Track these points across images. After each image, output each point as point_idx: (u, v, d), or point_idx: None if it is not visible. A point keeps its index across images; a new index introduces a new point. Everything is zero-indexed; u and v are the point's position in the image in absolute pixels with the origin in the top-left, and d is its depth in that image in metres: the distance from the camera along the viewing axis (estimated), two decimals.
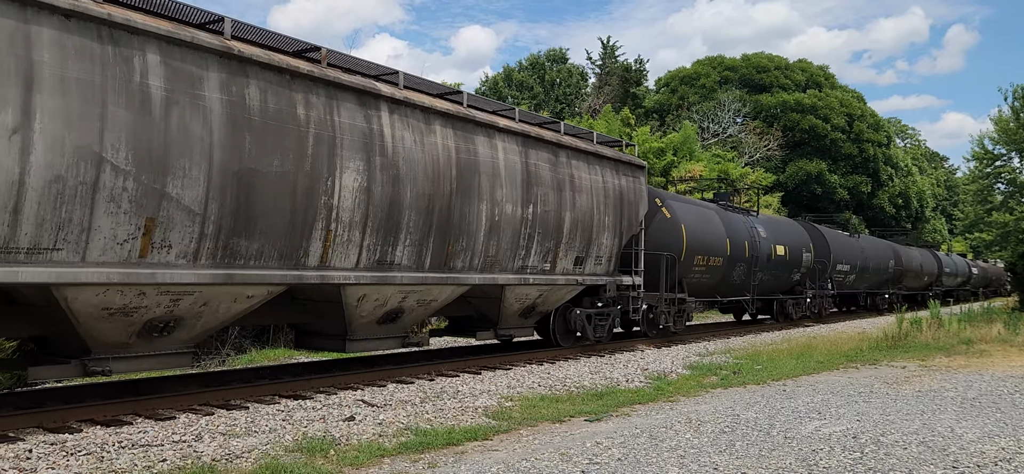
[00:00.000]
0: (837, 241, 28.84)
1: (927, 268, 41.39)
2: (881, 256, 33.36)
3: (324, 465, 6.36)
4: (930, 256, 42.80)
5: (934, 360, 14.38)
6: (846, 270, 29.36)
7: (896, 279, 35.33)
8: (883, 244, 35.34)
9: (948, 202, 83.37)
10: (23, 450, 6.54)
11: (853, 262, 29.92)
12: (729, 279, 20.41)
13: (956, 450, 7.16)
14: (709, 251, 18.99)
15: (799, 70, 55.29)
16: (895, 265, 34.90)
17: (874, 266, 32.58)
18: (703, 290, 19.57)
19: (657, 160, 34.44)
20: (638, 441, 7.36)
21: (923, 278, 40.96)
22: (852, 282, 30.38)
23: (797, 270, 24.70)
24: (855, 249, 30.59)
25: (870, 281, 32.83)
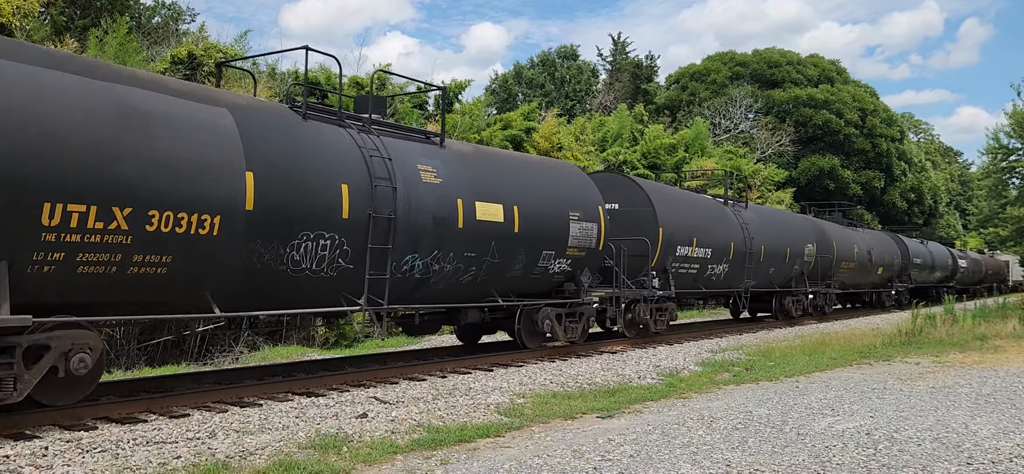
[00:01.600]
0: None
1: (881, 259, 30.89)
2: (799, 239, 24.01)
3: (337, 462, 6.39)
4: (890, 243, 33.51)
5: (948, 356, 14.30)
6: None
7: (819, 275, 25.20)
8: (805, 221, 25.98)
9: (962, 197, 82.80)
10: (39, 447, 6.60)
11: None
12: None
13: (970, 447, 7.12)
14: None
15: (811, 65, 54.98)
16: (820, 255, 24.97)
17: (783, 253, 23.30)
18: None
19: (668, 156, 34.38)
20: (650, 438, 7.36)
21: (872, 273, 30.57)
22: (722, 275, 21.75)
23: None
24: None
25: (766, 277, 22.54)
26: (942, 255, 41.29)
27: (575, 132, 31.87)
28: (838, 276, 27.11)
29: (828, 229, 26.70)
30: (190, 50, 20.00)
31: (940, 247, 42.51)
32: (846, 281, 28.17)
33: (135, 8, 26.73)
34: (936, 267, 39.62)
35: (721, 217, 19.59)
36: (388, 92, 26.58)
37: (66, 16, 23.29)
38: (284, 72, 26.08)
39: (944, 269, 41.23)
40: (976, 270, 49.18)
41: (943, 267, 40.98)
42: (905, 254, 34.53)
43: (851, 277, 28.43)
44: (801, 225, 24.89)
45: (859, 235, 30.13)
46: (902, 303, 33.71)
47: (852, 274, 28.33)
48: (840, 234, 27.66)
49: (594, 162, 29.87)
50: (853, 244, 28.10)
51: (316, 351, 15.71)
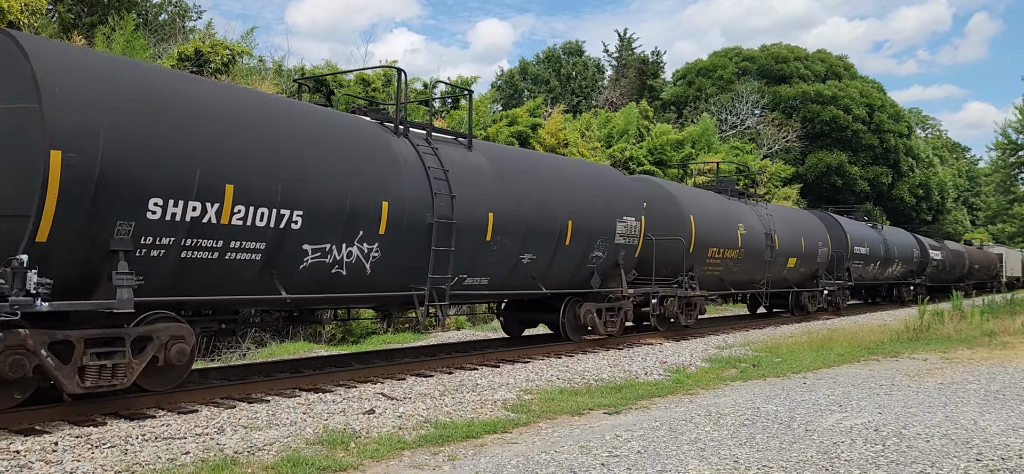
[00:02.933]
0: None
1: (813, 247, 23.46)
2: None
3: (345, 458, 6.40)
4: (817, 225, 24.50)
5: (956, 352, 14.25)
6: None
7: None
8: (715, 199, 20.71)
9: (970, 193, 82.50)
10: (49, 443, 6.63)
11: None
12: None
13: (980, 443, 7.09)
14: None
15: (818, 60, 54.86)
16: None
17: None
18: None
19: (675, 153, 34.35)
20: (658, 434, 7.35)
21: (776, 265, 21.58)
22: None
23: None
24: None
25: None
26: (904, 245, 33.08)
27: (581, 128, 31.86)
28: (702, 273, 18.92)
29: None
30: (197, 47, 20.05)
31: (901, 235, 34.27)
32: (730, 278, 19.61)
33: (142, 5, 26.81)
34: (892, 259, 30.72)
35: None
36: (394, 88, 26.61)
37: (73, 13, 23.36)
38: (290, 68, 26.11)
39: (906, 262, 32.78)
40: (956, 264, 41.36)
41: (905, 259, 32.52)
42: (840, 241, 25.96)
43: (739, 272, 19.76)
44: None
45: (750, 211, 20.89)
46: (839, 306, 26.51)
47: (739, 268, 19.63)
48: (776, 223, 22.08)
49: (600, 158, 29.85)
50: (737, 222, 19.54)
51: (323, 347, 15.75)
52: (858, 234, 27.78)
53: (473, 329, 18.93)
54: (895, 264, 31.44)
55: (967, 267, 43.64)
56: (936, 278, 38.33)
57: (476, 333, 18.31)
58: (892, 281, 33.23)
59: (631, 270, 15.31)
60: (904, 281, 34.42)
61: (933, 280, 37.83)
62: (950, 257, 40.27)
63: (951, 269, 40.29)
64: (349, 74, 25.79)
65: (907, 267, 33.30)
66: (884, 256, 29.97)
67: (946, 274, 39.86)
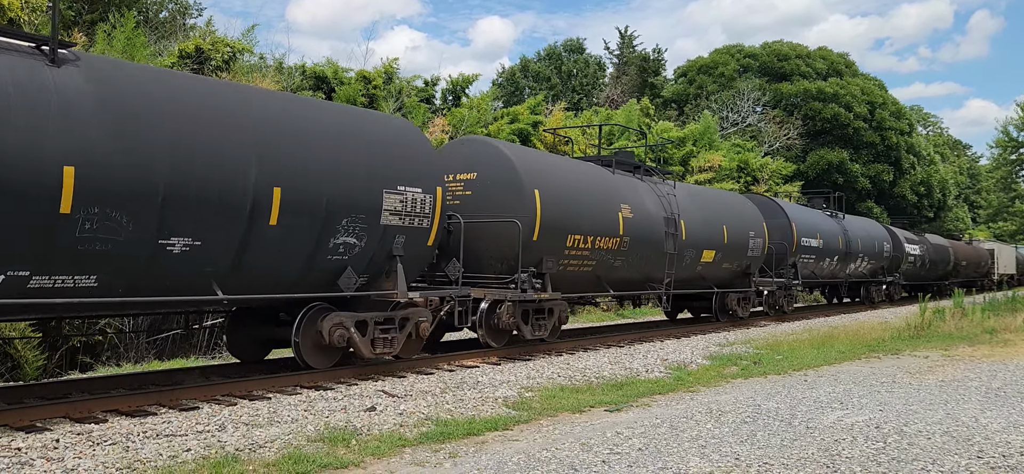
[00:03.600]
0: None
1: (742, 237, 18.91)
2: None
3: (346, 455, 6.40)
4: (748, 211, 19.83)
5: (957, 350, 14.25)
6: None
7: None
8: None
9: (971, 190, 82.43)
10: (50, 440, 6.63)
11: None
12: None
13: (981, 440, 7.09)
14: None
15: (820, 58, 54.78)
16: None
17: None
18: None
19: (676, 150, 34.31)
20: (659, 431, 7.35)
21: (688, 263, 17.21)
22: None
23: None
24: None
25: None
26: (871, 237, 28.60)
27: (582, 126, 31.81)
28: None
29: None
30: (197, 44, 20.04)
31: (868, 226, 29.77)
32: (611, 277, 15.14)
33: (142, 2, 26.79)
34: (855, 253, 26.59)
35: (634, 195, 16.52)
36: (396, 86, 26.60)
37: (74, 10, 23.35)
38: (290, 66, 26.09)
39: (874, 257, 28.70)
40: (939, 260, 37.34)
41: (872, 254, 28.41)
42: (783, 231, 21.79)
43: (624, 268, 15.24)
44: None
45: (644, 190, 16.09)
46: (783, 309, 22.57)
47: (624, 263, 15.13)
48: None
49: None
50: (618, 202, 14.95)
51: None
52: (807, 223, 23.32)
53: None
54: (859, 259, 27.33)
55: (952, 264, 39.79)
56: (913, 276, 34.35)
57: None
58: (857, 279, 28.81)
59: (423, 265, 11.37)
60: (873, 279, 29.97)
61: (910, 278, 34.05)
62: (931, 252, 36.00)
63: (932, 266, 36.28)
64: (269, 57, 25.86)
65: (876, 263, 29.19)
66: (844, 250, 25.71)
67: (927, 272, 35.80)
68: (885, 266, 30.26)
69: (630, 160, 16.91)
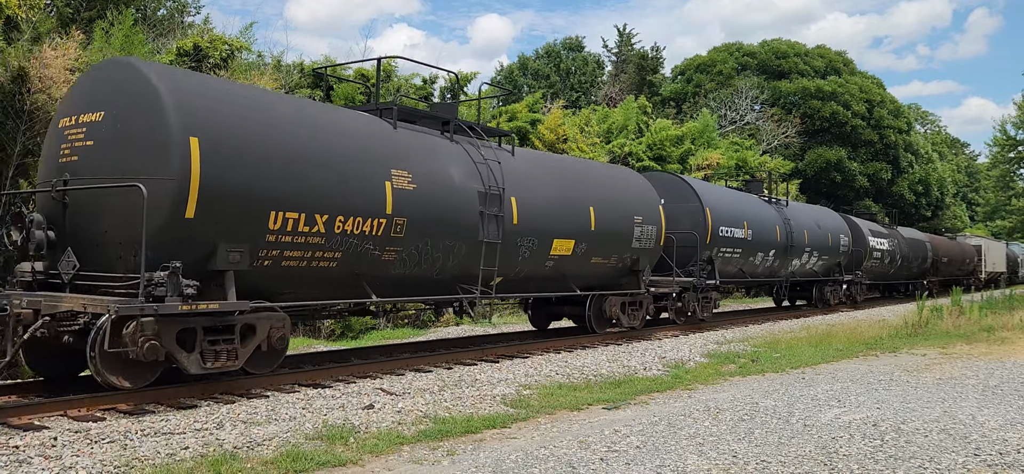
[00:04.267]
0: None
1: (624, 226, 14.90)
2: None
3: (344, 453, 6.41)
4: (637, 193, 15.74)
5: (955, 348, 14.27)
6: None
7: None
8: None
9: (969, 188, 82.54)
10: (48, 438, 6.63)
11: None
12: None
13: (978, 438, 7.11)
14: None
15: (818, 56, 54.83)
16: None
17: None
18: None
19: (675, 148, 34.32)
20: (657, 429, 7.36)
21: (571, 258, 13.85)
22: None
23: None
24: None
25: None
26: (823, 229, 24.19)
27: (580, 124, 31.84)
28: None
29: None
30: (196, 42, 20.02)
31: (821, 215, 25.34)
32: (385, 276, 11.08)
33: (140, 0, 26.76)
34: (799, 247, 22.30)
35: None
36: (394, 84, 26.59)
37: (72, 8, 23.33)
38: (288, 64, 26.10)
39: (828, 252, 24.43)
40: (913, 256, 32.98)
41: (825, 248, 24.09)
42: (692, 218, 17.70)
43: (403, 265, 11.18)
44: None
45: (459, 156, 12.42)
46: (698, 316, 17.80)
47: (401, 259, 10.96)
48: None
49: (599, 154, 29.85)
50: (436, 164, 11.57)
51: (322, 343, 15.75)
52: (729, 208, 18.98)
53: (472, 325, 18.94)
54: (808, 255, 23.07)
55: (930, 261, 35.78)
56: (880, 274, 30.18)
57: (475, 329, 18.32)
58: (805, 278, 24.07)
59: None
60: (827, 278, 25.47)
61: (876, 276, 29.88)
62: (904, 248, 31.95)
63: (905, 263, 32.12)
64: (267, 55, 25.81)
65: (830, 259, 24.84)
66: (784, 242, 21.39)
67: (898, 269, 31.64)
68: (843, 263, 25.83)
69: (433, 114, 12.72)
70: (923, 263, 34.93)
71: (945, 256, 38.19)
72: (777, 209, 22.26)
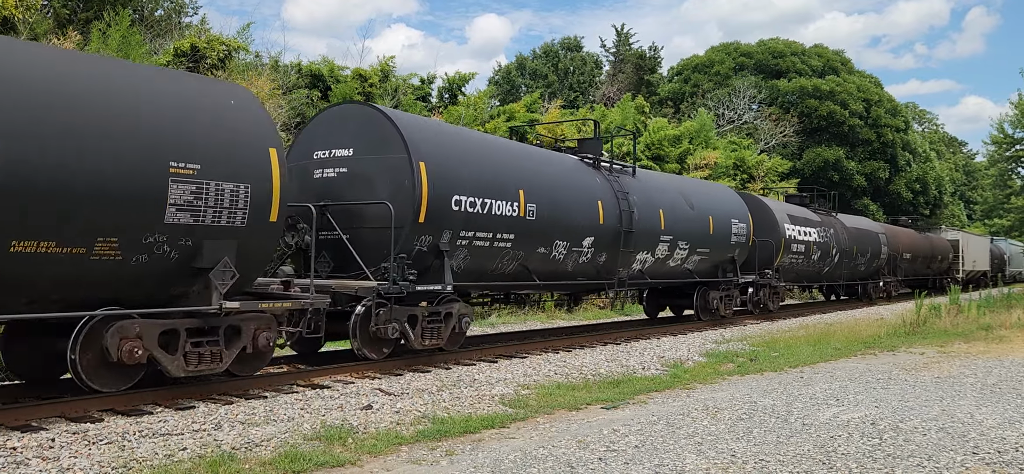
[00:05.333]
0: None
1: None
2: None
3: (343, 453, 6.40)
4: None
5: (953, 346, 14.28)
6: None
7: None
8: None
9: (966, 187, 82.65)
10: (46, 439, 6.62)
11: None
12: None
13: (976, 436, 7.11)
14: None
15: (815, 55, 54.87)
16: None
17: None
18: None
19: (672, 148, 34.34)
20: (655, 428, 7.36)
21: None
22: None
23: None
24: None
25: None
26: (702, 211, 17.79)
27: (577, 123, 31.84)
28: None
29: None
30: (193, 42, 20.01)
31: (701, 193, 18.63)
32: None
33: (137, 1, 26.72)
34: (648, 235, 15.78)
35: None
36: (392, 84, 26.58)
37: (69, 9, 23.29)
38: (286, 65, 26.07)
39: (714, 247, 18.14)
40: (860, 251, 27.06)
41: (705, 240, 17.71)
42: (406, 191, 10.82)
43: None
44: None
45: None
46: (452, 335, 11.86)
47: None
48: None
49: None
50: None
51: None
52: (472, 176, 11.87)
53: (477, 325, 18.88)
54: (671, 247, 16.48)
55: (886, 257, 29.78)
56: (805, 273, 23.54)
57: (473, 328, 18.29)
58: (669, 280, 17.46)
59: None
60: (709, 280, 18.39)
61: (800, 276, 23.49)
62: (843, 240, 25.38)
63: (846, 260, 25.75)
64: (264, 56, 25.78)
65: (714, 254, 18.16)
66: (624, 228, 14.83)
67: (836, 267, 25.13)
68: (736, 258, 19.04)
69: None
70: (874, 259, 28.95)
71: (908, 251, 32.43)
72: (610, 179, 15.16)
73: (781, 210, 22.50)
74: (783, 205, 23.91)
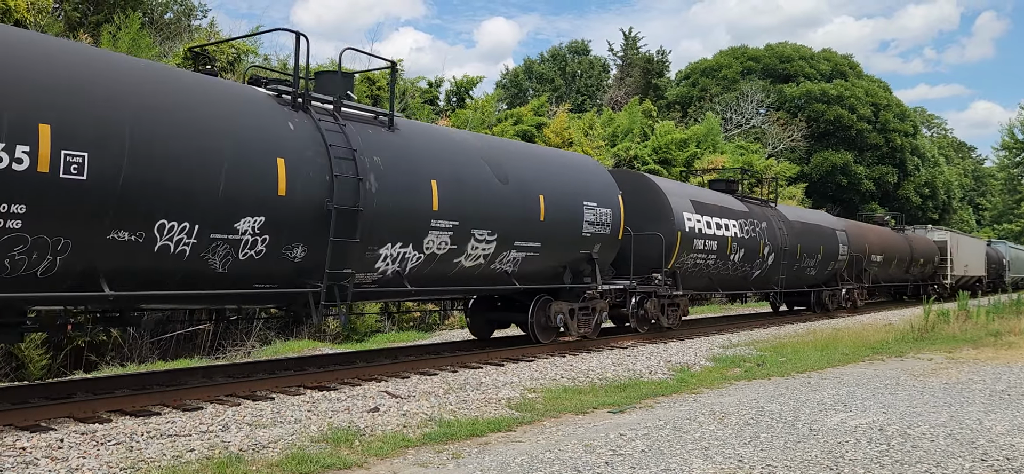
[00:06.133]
0: None
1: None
2: None
3: (349, 455, 6.41)
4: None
5: (961, 352, 14.22)
6: None
7: None
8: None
9: (975, 192, 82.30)
10: (55, 439, 6.65)
11: None
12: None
13: (985, 443, 7.08)
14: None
15: (824, 59, 54.77)
16: None
17: None
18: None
19: (680, 152, 34.31)
20: (662, 433, 7.35)
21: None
22: None
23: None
24: None
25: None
26: (532, 189, 12.51)
27: (585, 127, 31.86)
28: None
29: None
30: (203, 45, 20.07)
31: (538, 166, 13.11)
32: None
33: (147, 4, 26.85)
34: (479, 228, 11.40)
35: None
36: (400, 88, 26.61)
37: (79, 12, 23.42)
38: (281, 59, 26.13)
39: (546, 243, 12.70)
40: (818, 252, 22.16)
41: (539, 233, 12.53)
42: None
43: None
44: None
45: None
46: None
47: None
48: None
49: (605, 157, 29.84)
50: None
51: (327, 345, 15.77)
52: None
53: None
54: (479, 244, 11.73)
55: (844, 260, 23.90)
56: (724, 280, 18.26)
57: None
58: (490, 286, 12.52)
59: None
60: (546, 287, 13.42)
61: (717, 283, 18.15)
62: (780, 237, 19.94)
63: (786, 264, 20.19)
64: (262, 50, 25.83)
65: (560, 254, 13.33)
66: (357, 207, 9.63)
67: (771, 273, 19.76)
68: (598, 258, 14.04)
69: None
70: (829, 262, 23.02)
71: (879, 253, 26.89)
72: (328, 126, 10.00)
73: (680, 194, 17.05)
74: (685, 187, 18.47)
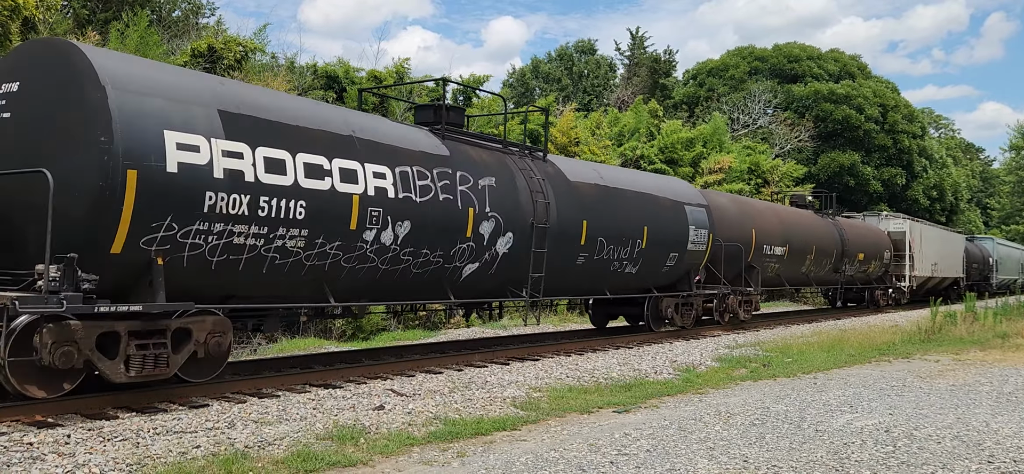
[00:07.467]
0: None
1: None
2: None
3: (354, 453, 6.42)
4: None
5: (968, 354, 14.17)
6: None
7: None
8: None
9: (983, 194, 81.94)
10: (62, 435, 6.68)
11: None
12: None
13: (991, 445, 7.05)
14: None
15: (831, 60, 54.57)
16: None
17: None
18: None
19: (686, 152, 34.24)
20: (667, 433, 7.34)
21: None
22: None
23: None
24: None
25: None
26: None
27: (591, 127, 31.83)
28: None
29: None
30: (210, 43, 20.14)
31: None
32: None
33: (155, 2, 26.94)
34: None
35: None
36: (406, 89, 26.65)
37: (88, 9, 23.52)
38: (302, 66, 26.20)
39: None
40: (630, 239, 14.16)
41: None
42: None
43: None
44: None
45: None
46: None
47: None
48: None
49: (611, 156, 29.81)
50: None
51: (333, 343, 15.80)
52: None
53: (482, 327, 18.93)
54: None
55: (703, 251, 16.54)
56: (563, 285, 13.44)
57: (486, 331, 18.32)
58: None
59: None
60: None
61: (571, 288, 14.18)
62: (551, 210, 12.27)
63: (622, 257, 14.16)
64: (281, 57, 25.87)
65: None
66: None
67: (586, 272, 13.58)
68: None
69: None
70: (668, 255, 15.56)
71: (781, 244, 19.84)
72: None
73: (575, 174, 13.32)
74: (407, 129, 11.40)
